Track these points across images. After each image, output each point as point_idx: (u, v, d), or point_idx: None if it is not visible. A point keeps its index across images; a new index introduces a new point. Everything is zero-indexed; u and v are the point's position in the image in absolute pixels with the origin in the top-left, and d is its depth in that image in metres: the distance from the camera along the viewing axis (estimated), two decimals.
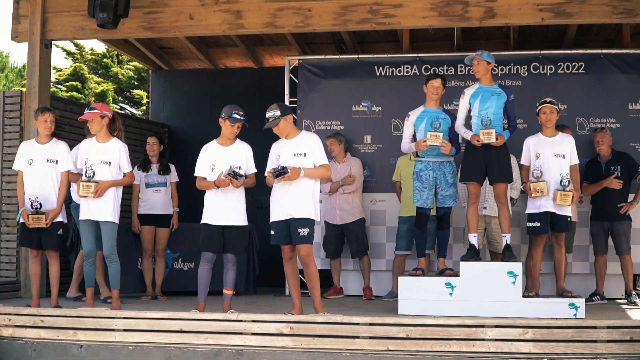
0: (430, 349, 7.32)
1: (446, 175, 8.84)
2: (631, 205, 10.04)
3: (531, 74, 11.08)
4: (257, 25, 10.36)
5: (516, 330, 7.32)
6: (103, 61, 21.48)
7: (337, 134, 10.88)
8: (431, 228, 9.42)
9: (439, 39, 12.69)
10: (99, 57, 21.63)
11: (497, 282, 8.27)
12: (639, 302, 9.94)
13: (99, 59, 21.57)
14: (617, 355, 7.23)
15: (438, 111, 8.92)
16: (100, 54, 21.69)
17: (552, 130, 8.86)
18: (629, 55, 11.02)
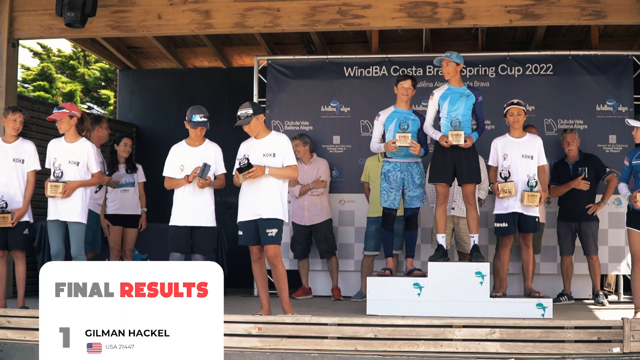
0: (399, 349, 7.33)
1: (414, 176, 8.86)
2: (599, 206, 10.11)
3: (499, 75, 11.13)
4: (225, 25, 10.32)
5: (484, 330, 7.35)
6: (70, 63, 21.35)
7: (302, 135, 10.85)
8: (399, 228, 9.45)
9: (408, 40, 12.72)
10: (65, 58, 21.50)
11: (465, 283, 8.31)
12: (607, 303, 10.02)
13: (66, 60, 21.44)
14: (585, 356, 7.27)
15: (408, 112, 8.94)
16: (67, 55, 21.56)
17: (520, 132, 8.90)
18: (597, 56, 11.09)
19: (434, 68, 11.00)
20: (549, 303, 8.22)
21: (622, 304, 10.43)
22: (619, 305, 10.25)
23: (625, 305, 9.88)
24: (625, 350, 7.25)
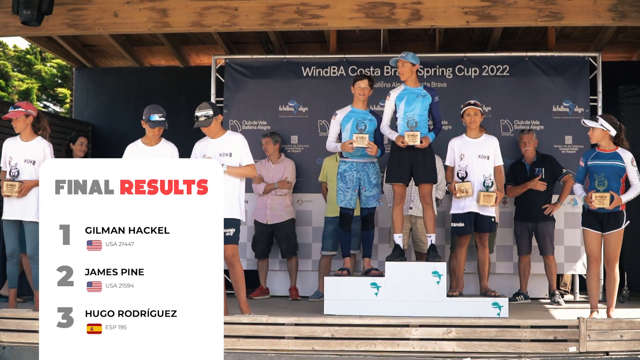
0: (356, 348, 7.35)
1: (370, 176, 8.87)
2: (555, 207, 10.19)
3: (456, 76, 11.18)
4: (183, 24, 10.26)
5: (440, 329, 7.39)
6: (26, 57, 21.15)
7: (273, 134, 10.82)
8: (356, 228, 9.45)
9: (365, 40, 12.74)
10: (22, 53, 21.30)
11: (422, 282, 8.33)
12: (563, 302, 10.11)
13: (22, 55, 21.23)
14: (541, 355, 7.33)
15: (365, 112, 8.95)
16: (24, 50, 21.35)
17: (477, 132, 8.95)
18: (554, 58, 11.17)
19: (391, 68, 11.01)
20: (505, 302, 8.27)
21: (578, 303, 10.53)
22: (575, 304, 10.35)
23: (581, 305, 9.97)
24: (582, 349, 7.32)
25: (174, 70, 13.99)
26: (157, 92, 13.28)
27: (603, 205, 8.00)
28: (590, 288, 8.32)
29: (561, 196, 10.26)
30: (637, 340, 7.34)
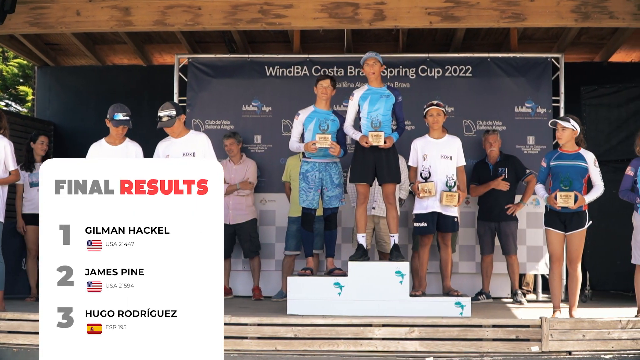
0: (319, 348, 7.34)
1: (332, 176, 8.86)
2: (518, 207, 10.25)
3: (419, 77, 11.21)
4: (146, 22, 10.21)
5: (403, 329, 7.40)
6: None
7: (235, 134, 10.77)
8: (320, 228, 9.45)
9: (329, 40, 12.73)
10: None
11: (385, 282, 8.33)
12: (525, 301, 10.16)
13: None
14: (503, 354, 7.36)
15: (328, 112, 8.94)
16: None
17: (439, 132, 8.97)
18: (516, 59, 11.25)
19: (355, 68, 11.03)
20: (468, 302, 8.29)
21: (541, 302, 10.59)
22: (537, 304, 10.41)
23: (544, 304, 10.03)
24: (544, 349, 7.36)
25: (137, 69, 13.91)
26: (119, 91, 13.19)
27: (567, 204, 8.04)
28: (553, 288, 8.37)
29: (524, 196, 10.31)
30: (600, 339, 7.39)
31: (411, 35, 12.58)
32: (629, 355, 7.33)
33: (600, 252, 10.80)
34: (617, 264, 10.45)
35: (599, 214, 9.91)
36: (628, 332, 7.39)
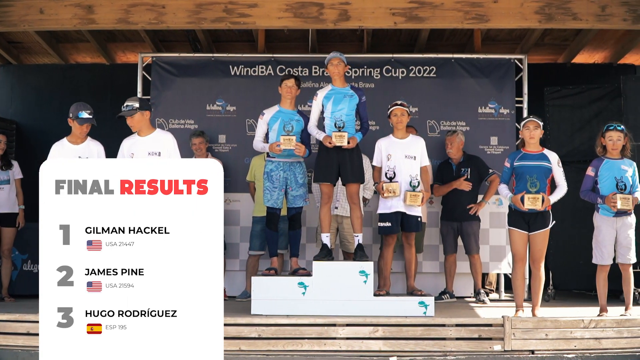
0: (283, 348, 7.33)
1: (296, 176, 8.87)
2: (480, 206, 10.29)
3: (384, 77, 11.22)
4: (109, 20, 10.14)
5: (367, 328, 7.41)
6: None
7: (203, 133, 10.71)
8: (284, 228, 9.44)
9: (294, 40, 12.73)
10: None
11: (349, 282, 8.33)
12: (488, 301, 10.21)
13: None
14: (466, 353, 7.39)
15: (292, 112, 8.94)
16: None
17: (403, 132, 8.99)
18: (480, 60, 11.30)
19: (319, 68, 11.04)
20: (431, 301, 8.32)
21: (503, 302, 10.66)
22: (500, 303, 10.47)
23: (506, 304, 10.09)
24: (506, 348, 7.40)
25: (100, 67, 13.80)
26: (82, 90, 13.11)
27: (535, 206, 8.09)
28: (516, 287, 8.42)
29: (486, 195, 10.36)
30: (562, 339, 7.45)
31: (376, 36, 12.60)
32: (591, 355, 7.39)
33: (563, 251, 10.86)
34: (579, 263, 10.52)
35: (562, 214, 9.96)
36: (590, 332, 7.45)
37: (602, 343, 7.45)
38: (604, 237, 8.30)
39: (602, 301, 8.33)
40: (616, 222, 8.28)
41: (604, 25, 10.35)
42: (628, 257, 8.30)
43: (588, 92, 11.31)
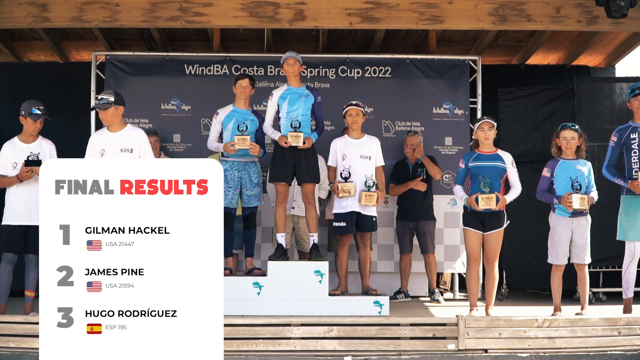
0: (237, 348, 7.30)
1: (251, 176, 8.86)
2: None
3: (339, 77, 11.23)
4: (63, 19, 10.04)
5: (321, 328, 7.40)
6: None
7: (156, 132, 10.62)
8: (239, 228, 9.42)
9: (249, 40, 12.70)
10: None
11: (305, 281, 8.34)
12: (442, 300, 10.27)
13: None
14: (420, 352, 7.41)
15: (247, 112, 8.93)
16: None
17: (359, 132, 9.00)
18: (434, 60, 11.34)
19: (275, 68, 11.01)
20: (386, 301, 8.35)
21: (458, 301, 10.72)
22: (454, 302, 10.53)
23: (461, 303, 10.15)
24: (460, 347, 7.43)
25: (54, 66, 13.62)
26: (36, 88, 12.89)
27: (490, 206, 8.14)
28: (470, 286, 8.47)
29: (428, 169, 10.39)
30: (515, 338, 7.49)
31: (331, 36, 12.61)
32: (545, 354, 7.44)
33: (517, 251, 10.93)
34: (533, 263, 10.59)
35: (516, 214, 10.03)
36: (544, 331, 7.50)
37: (555, 342, 7.50)
38: (559, 237, 8.37)
39: (557, 301, 8.40)
40: (572, 222, 8.35)
41: (559, 27, 10.45)
42: (584, 257, 8.38)
43: (542, 93, 11.39)
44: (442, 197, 10.91)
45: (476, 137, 8.51)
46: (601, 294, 10.47)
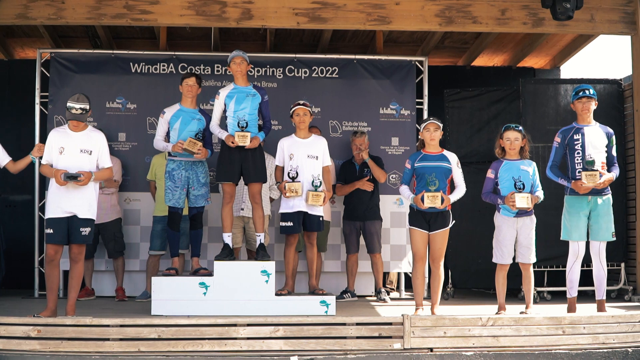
0: (183, 349, 7.26)
1: (198, 175, 8.83)
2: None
3: (287, 77, 11.23)
4: (8, 16, 9.94)
5: (268, 328, 7.39)
6: None
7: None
8: (186, 227, 9.37)
9: (196, 38, 12.66)
10: None
11: (251, 281, 8.33)
12: (388, 299, 10.31)
13: None
14: (366, 351, 7.42)
15: (194, 111, 8.90)
16: None
17: (306, 132, 8.99)
18: (381, 61, 11.38)
19: (222, 67, 10.98)
20: (332, 300, 8.36)
21: (404, 300, 10.76)
22: (400, 302, 10.56)
23: (407, 302, 10.19)
24: (406, 346, 7.45)
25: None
26: None
27: (435, 204, 8.19)
28: (416, 286, 8.51)
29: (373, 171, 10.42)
30: (460, 336, 7.53)
31: (279, 35, 12.61)
32: (489, 352, 7.49)
33: (462, 251, 11.02)
34: (478, 262, 10.70)
35: (461, 214, 10.13)
36: (488, 329, 7.55)
37: (500, 341, 7.55)
38: (504, 236, 8.45)
39: (501, 299, 8.48)
40: (517, 222, 8.43)
41: (504, 29, 10.56)
42: (528, 256, 8.47)
43: (487, 94, 11.49)
44: (388, 197, 10.96)
45: (422, 138, 8.55)
46: (546, 293, 10.59)
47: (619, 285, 10.75)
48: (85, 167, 7.88)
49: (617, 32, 10.66)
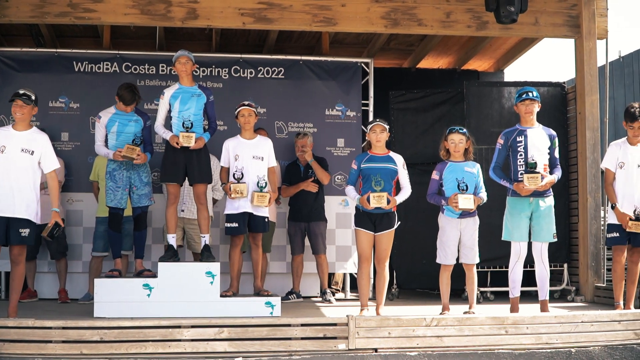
0: (126, 351, 7.21)
1: (141, 175, 8.77)
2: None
3: (232, 77, 11.20)
4: None
5: (212, 330, 7.36)
6: None
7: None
8: (129, 228, 9.30)
9: (141, 37, 12.57)
10: None
11: (196, 283, 8.28)
12: (334, 300, 10.33)
13: None
14: (311, 352, 7.43)
15: (129, 113, 8.83)
16: None
17: (251, 133, 8.96)
18: (327, 62, 11.41)
19: (166, 67, 10.91)
20: (278, 301, 8.35)
21: (349, 301, 10.80)
22: (345, 302, 10.60)
23: (352, 303, 10.23)
24: (351, 346, 7.47)
25: None
26: None
27: (381, 204, 8.22)
28: (361, 286, 8.53)
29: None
30: (405, 337, 7.56)
31: (224, 36, 12.57)
32: (433, 352, 7.53)
33: (406, 251, 11.08)
34: (423, 263, 10.76)
35: (406, 215, 10.18)
36: (432, 330, 7.59)
37: (444, 341, 7.60)
38: (448, 237, 8.51)
39: (445, 300, 8.54)
40: (460, 223, 8.50)
41: (449, 32, 10.64)
42: (472, 257, 8.54)
43: (432, 96, 11.57)
44: (333, 197, 10.99)
45: (369, 139, 8.58)
46: (489, 294, 10.68)
47: (562, 285, 10.89)
48: (25, 167, 7.81)
49: (561, 35, 10.80)
